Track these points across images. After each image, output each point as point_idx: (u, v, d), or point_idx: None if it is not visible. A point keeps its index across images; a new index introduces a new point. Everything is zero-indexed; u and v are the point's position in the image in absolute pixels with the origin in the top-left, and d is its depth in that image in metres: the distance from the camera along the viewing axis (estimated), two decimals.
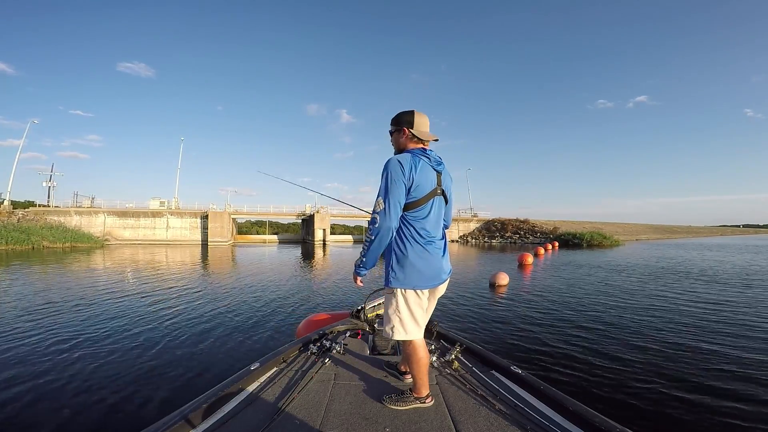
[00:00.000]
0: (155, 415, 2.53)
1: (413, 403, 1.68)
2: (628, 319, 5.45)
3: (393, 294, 1.61)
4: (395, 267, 1.57)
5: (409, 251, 1.55)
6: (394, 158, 1.54)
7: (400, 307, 1.61)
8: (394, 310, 1.62)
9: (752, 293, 7.58)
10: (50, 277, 9.87)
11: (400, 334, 1.63)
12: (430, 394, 1.72)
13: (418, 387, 1.70)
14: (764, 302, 6.64)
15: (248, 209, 35.57)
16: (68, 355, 3.81)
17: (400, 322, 1.62)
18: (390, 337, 1.67)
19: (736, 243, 32.28)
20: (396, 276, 1.56)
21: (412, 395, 1.70)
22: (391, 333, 1.64)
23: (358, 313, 2.96)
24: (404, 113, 1.64)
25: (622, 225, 50.19)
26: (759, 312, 5.86)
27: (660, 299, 6.98)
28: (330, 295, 7.58)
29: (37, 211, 27.06)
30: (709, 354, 3.90)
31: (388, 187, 1.49)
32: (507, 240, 35.42)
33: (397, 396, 1.72)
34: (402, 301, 1.60)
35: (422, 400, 1.68)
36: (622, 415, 2.60)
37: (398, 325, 1.62)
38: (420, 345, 1.67)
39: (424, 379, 1.69)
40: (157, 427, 1.43)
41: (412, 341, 1.66)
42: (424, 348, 1.69)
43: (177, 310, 5.88)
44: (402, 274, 1.56)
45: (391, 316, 1.63)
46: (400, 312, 1.61)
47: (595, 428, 1.42)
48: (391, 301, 1.62)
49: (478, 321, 5.37)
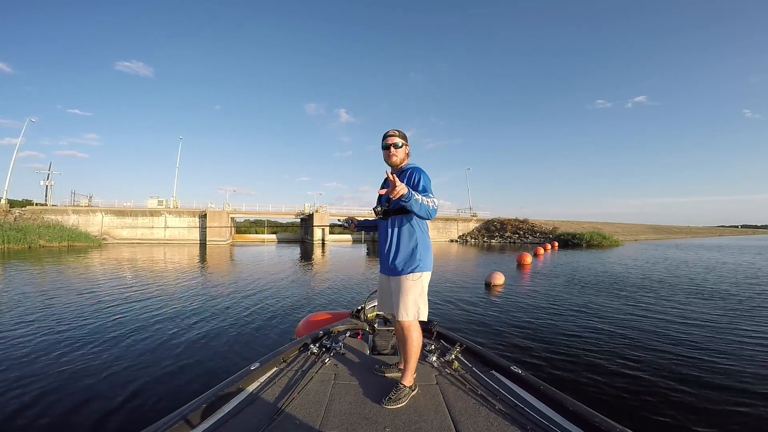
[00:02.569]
0: (155, 415, 2.52)
1: (408, 395, 1.77)
2: (629, 319, 5.46)
3: (419, 279, 1.82)
4: (422, 254, 1.83)
5: (428, 241, 1.89)
6: (425, 172, 1.83)
7: (425, 290, 1.85)
8: (419, 294, 1.82)
9: (753, 294, 7.62)
10: (45, 276, 9.82)
11: (425, 315, 1.83)
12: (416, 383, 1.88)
13: (409, 374, 1.83)
14: (765, 302, 6.68)
15: (247, 208, 35.49)
16: (67, 355, 3.79)
17: (424, 304, 1.84)
18: (413, 321, 1.81)
19: (737, 244, 32.00)
20: (424, 261, 1.83)
21: (406, 387, 1.78)
22: (419, 315, 1.81)
23: (358, 313, 2.95)
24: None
25: (622, 225, 50.34)
26: (760, 313, 5.89)
27: (661, 300, 7.00)
28: (330, 294, 7.57)
29: (34, 210, 26.92)
30: (710, 354, 3.91)
31: (430, 188, 1.78)
32: (506, 240, 35.48)
33: (393, 394, 1.75)
34: (426, 283, 1.86)
35: (413, 387, 1.82)
36: (622, 415, 2.61)
37: (423, 307, 1.83)
38: (420, 329, 1.89)
39: (416, 364, 1.88)
40: (157, 427, 1.42)
41: (418, 324, 1.85)
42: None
43: (175, 310, 5.86)
44: (426, 260, 1.85)
45: (418, 299, 1.82)
46: (424, 294, 1.84)
47: (595, 428, 1.43)
48: (417, 287, 1.82)
49: (475, 320, 5.38)
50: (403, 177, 1.81)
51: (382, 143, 1.90)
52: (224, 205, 32.57)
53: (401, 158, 1.90)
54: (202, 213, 30.55)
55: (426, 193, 1.69)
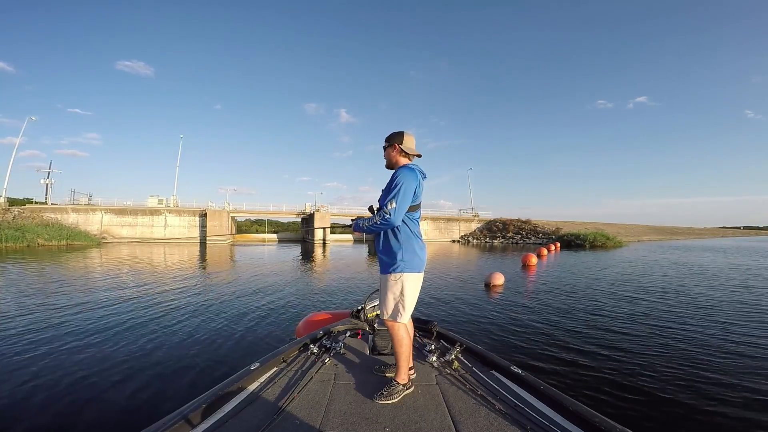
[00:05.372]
0: (155, 415, 2.53)
1: (402, 392, 1.78)
2: (628, 320, 5.46)
3: (399, 279, 1.82)
4: (405, 255, 1.81)
5: (413, 243, 1.84)
6: (406, 171, 1.80)
7: (406, 291, 1.82)
8: (399, 294, 1.82)
9: (752, 294, 7.61)
10: (42, 275, 9.83)
11: (403, 317, 1.83)
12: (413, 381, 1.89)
13: (403, 372, 1.84)
14: (764, 303, 6.67)
15: (247, 207, 35.54)
16: (66, 355, 3.80)
17: (404, 306, 1.82)
18: (394, 321, 1.83)
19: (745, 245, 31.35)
20: (407, 262, 1.80)
21: (399, 384, 1.80)
22: (397, 317, 1.83)
23: (358, 312, 2.95)
24: (396, 133, 1.93)
25: (624, 226, 50.22)
26: (761, 314, 5.88)
27: (661, 300, 6.99)
28: (330, 294, 7.57)
29: (34, 209, 26.93)
30: (710, 354, 3.90)
31: (401, 194, 1.75)
32: (509, 240, 35.40)
33: (386, 390, 1.78)
34: (408, 284, 1.82)
35: (408, 385, 1.83)
36: (622, 415, 2.61)
37: (402, 308, 1.82)
38: (408, 327, 1.92)
39: (409, 361, 1.91)
40: (157, 427, 1.43)
41: (404, 324, 1.86)
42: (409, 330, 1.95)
43: (175, 310, 5.86)
44: (408, 260, 1.81)
45: (398, 299, 1.83)
46: (406, 295, 1.82)
47: (595, 428, 1.43)
48: (396, 287, 1.82)
49: (475, 321, 5.37)
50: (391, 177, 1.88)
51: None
52: (224, 205, 32.59)
53: (390, 160, 1.96)
54: (203, 212, 30.57)
55: (389, 198, 1.74)
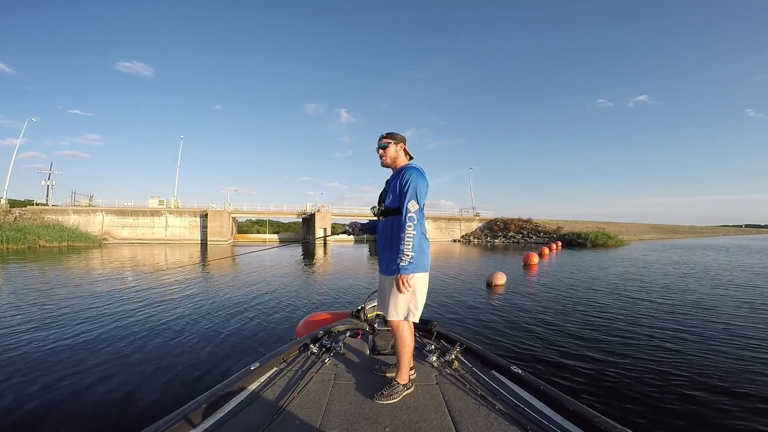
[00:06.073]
0: (155, 415, 2.53)
1: (402, 392, 1.78)
2: (629, 320, 5.45)
3: (411, 280, 1.80)
4: (416, 255, 1.78)
5: (423, 243, 1.83)
6: (418, 172, 1.81)
7: (417, 291, 1.82)
8: (411, 294, 1.81)
9: (753, 295, 7.59)
10: (43, 276, 9.85)
11: (416, 316, 1.83)
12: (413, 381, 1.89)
13: (404, 372, 1.84)
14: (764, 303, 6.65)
15: (248, 208, 35.55)
16: (66, 355, 3.80)
17: (415, 305, 1.82)
18: (404, 320, 1.83)
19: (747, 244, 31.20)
20: (417, 262, 1.78)
21: (399, 384, 1.80)
22: (410, 316, 1.82)
23: (358, 312, 2.95)
24: (398, 133, 1.95)
25: (626, 225, 50.09)
26: (765, 314, 5.87)
27: (662, 300, 6.98)
28: (330, 294, 7.57)
29: (35, 210, 26.99)
30: (710, 355, 3.90)
31: (419, 194, 1.78)
32: (510, 240, 35.36)
33: (386, 390, 1.78)
34: (419, 284, 1.82)
35: (408, 385, 1.83)
36: (622, 415, 2.60)
37: (414, 308, 1.82)
38: (412, 327, 1.92)
39: (410, 362, 1.91)
40: (157, 427, 1.43)
41: (409, 325, 1.87)
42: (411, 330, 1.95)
43: (175, 310, 5.87)
44: (420, 261, 1.80)
45: (409, 300, 1.82)
46: (417, 295, 1.82)
47: (595, 428, 1.42)
48: (408, 287, 1.80)
49: (475, 321, 5.37)
50: (398, 176, 1.85)
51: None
52: (225, 205, 32.60)
53: (392, 158, 1.94)
54: (203, 213, 30.59)
55: (408, 200, 1.74)
